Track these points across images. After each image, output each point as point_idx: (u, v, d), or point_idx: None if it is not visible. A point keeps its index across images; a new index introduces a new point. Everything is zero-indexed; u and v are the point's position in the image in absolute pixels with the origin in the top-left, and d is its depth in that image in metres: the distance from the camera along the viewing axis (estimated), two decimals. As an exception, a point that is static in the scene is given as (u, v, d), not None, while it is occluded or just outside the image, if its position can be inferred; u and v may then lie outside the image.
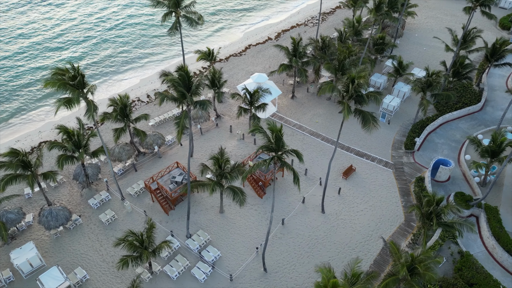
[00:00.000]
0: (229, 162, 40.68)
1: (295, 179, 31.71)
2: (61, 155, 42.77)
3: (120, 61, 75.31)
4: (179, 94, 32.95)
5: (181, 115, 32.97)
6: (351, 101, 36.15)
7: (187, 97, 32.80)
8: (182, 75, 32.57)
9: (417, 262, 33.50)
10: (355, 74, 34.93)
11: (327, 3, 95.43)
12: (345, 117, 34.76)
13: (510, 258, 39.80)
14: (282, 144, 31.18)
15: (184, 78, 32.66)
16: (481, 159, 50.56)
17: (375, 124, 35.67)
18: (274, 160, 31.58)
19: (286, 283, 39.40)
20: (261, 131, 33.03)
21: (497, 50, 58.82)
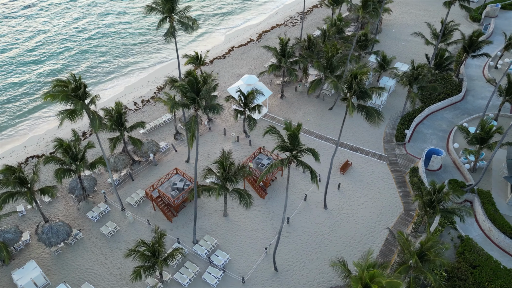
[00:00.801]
0: (234, 165, 40.68)
1: (312, 177, 32.18)
2: (59, 168, 41.52)
3: (102, 71, 73.67)
4: (189, 99, 32.73)
5: (191, 120, 32.82)
6: (353, 97, 36.96)
7: (198, 102, 32.65)
8: (190, 80, 32.40)
9: (426, 249, 34.76)
10: (357, 70, 35.78)
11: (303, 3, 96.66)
12: (349, 113, 35.56)
13: (507, 239, 41.80)
14: (298, 143, 31.60)
15: (193, 83, 32.49)
16: (468, 147, 52.84)
17: (380, 118, 36.72)
18: (290, 160, 31.90)
19: (298, 280, 39.86)
20: (275, 132, 33.32)
21: (474, 42, 61.55)
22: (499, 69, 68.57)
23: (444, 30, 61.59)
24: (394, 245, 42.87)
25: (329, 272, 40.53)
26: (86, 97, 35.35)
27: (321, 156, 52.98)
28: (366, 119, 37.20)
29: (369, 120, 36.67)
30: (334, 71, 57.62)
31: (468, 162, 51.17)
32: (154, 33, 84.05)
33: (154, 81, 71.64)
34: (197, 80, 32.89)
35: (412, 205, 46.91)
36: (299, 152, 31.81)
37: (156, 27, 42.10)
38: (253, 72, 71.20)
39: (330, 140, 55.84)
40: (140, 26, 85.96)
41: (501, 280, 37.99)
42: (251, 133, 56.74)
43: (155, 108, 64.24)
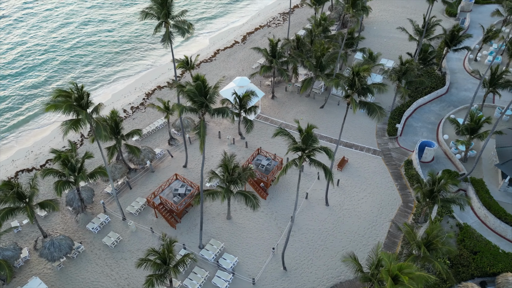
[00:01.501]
0: (238, 167, 40.75)
1: (327, 175, 32.66)
2: (58, 181, 40.48)
3: (87, 81, 71.84)
4: (198, 104, 32.59)
5: (200, 125, 32.68)
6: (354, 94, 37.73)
7: (208, 106, 32.56)
8: (199, 85, 32.26)
9: (432, 238, 35.86)
10: (358, 68, 36.53)
11: (285, 3, 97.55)
12: (353, 110, 36.27)
13: (503, 224, 43.57)
14: (312, 142, 32.00)
15: (201, 87, 32.37)
16: (457, 138, 54.74)
17: (383, 113, 37.64)
18: (303, 159, 32.23)
19: (308, 278, 40.30)
20: (285, 133, 33.63)
21: (456, 36, 63.75)
22: (478, 61, 71.23)
23: (427, 26, 63.52)
24: (397, 237, 43.95)
25: (337, 268, 41.19)
26: (88, 106, 34.64)
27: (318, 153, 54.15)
28: (369, 115, 38.03)
29: (372, 116, 37.50)
30: (324, 69, 58.47)
31: (458, 152, 52.96)
32: (137, 40, 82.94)
33: (142, 87, 70.70)
34: (205, 84, 32.79)
35: (410, 196, 48.19)
36: (312, 151, 32.20)
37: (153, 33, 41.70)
38: (242, 74, 71.34)
39: (324, 138, 56.60)
40: (122, 34, 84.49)
41: (501, 264, 39.62)
42: (246, 135, 56.89)
43: (145, 115, 63.43)
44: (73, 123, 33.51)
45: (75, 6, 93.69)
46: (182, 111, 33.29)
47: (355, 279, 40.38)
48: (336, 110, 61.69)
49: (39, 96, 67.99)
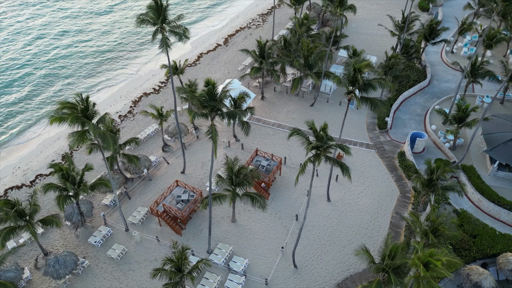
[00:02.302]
0: (244, 169, 40.85)
1: (344, 171, 33.31)
2: (59, 195, 39.22)
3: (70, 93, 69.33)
4: (209, 108, 32.47)
5: (211, 129, 32.58)
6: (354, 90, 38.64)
7: (221, 111, 32.50)
8: (210, 90, 32.14)
9: (438, 225, 37.25)
10: (359, 64, 37.43)
11: (262, 5, 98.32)
12: (358, 106, 37.12)
13: (496, 207, 45.67)
14: (327, 140, 32.52)
15: (211, 92, 32.27)
16: (444, 128, 56.98)
17: (385, 107, 38.69)
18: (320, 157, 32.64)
19: (318, 273, 40.90)
20: (299, 133, 34.05)
21: (434, 30, 66.24)
22: (455, 53, 74.28)
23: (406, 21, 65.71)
24: (399, 227, 45.26)
25: (345, 262, 42.01)
26: (93, 116, 33.83)
27: (313, 151, 54.90)
28: (372, 109, 39.03)
29: (374, 110, 38.54)
30: (312, 68, 59.41)
31: (447, 141, 55.08)
32: (118, 48, 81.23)
33: (127, 95, 69.44)
34: (215, 88, 32.71)
35: (407, 187, 49.72)
36: (327, 148, 32.75)
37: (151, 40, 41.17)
38: (228, 76, 71.41)
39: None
40: (101, 43, 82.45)
41: (499, 245, 41.54)
42: (240, 136, 57.01)
43: (135, 122, 62.35)
44: (79, 135, 32.59)
45: (48, 17, 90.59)
46: (194, 117, 33.06)
47: (364, 271, 41.35)
48: (326, 107, 62.76)
49: (21, 113, 65.42)
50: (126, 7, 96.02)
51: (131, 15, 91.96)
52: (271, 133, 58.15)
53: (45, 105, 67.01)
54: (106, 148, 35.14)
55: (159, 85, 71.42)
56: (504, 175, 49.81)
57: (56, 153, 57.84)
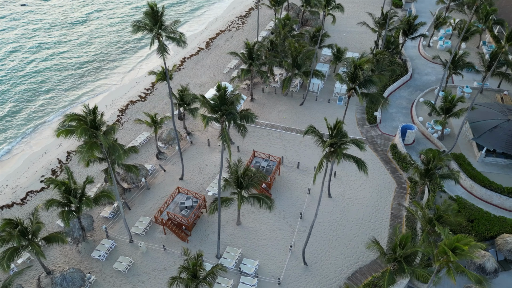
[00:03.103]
0: (251, 171, 40.94)
1: (360, 166, 33.98)
2: (63, 211, 37.95)
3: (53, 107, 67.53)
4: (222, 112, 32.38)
5: (224, 133, 32.51)
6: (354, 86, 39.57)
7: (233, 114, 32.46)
8: (222, 94, 32.07)
9: (442, 212, 38.72)
10: (359, 61, 38.36)
11: (239, 7, 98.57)
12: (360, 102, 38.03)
13: (488, 191, 47.86)
14: (342, 136, 33.10)
15: (223, 96, 32.21)
16: (430, 119, 59.17)
17: (387, 101, 39.79)
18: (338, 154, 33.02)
19: (328, 268, 41.55)
20: (313, 131, 34.47)
21: (412, 25, 68.59)
22: (431, 47, 77.17)
23: (386, 17, 67.81)
24: (400, 217, 46.61)
25: (353, 255, 42.88)
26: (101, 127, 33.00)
27: (309, 148, 55.80)
28: (373, 104, 40.06)
29: (375, 105, 39.61)
30: (301, 68, 60.22)
31: (435, 131, 57.17)
32: (98, 58, 79.07)
33: (113, 104, 67.98)
34: (226, 92, 32.65)
35: (402, 178, 51.25)
36: (342, 144, 33.36)
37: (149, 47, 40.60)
38: (214, 80, 71.32)
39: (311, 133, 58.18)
40: (80, 54, 79.90)
41: (496, 227, 43.60)
42: (235, 139, 57.04)
43: (124, 131, 61.12)
44: (88, 147, 31.67)
45: (21, 29, 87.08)
46: (208, 122, 32.87)
47: (372, 263, 42.37)
48: (315, 105, 63.71)
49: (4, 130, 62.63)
50: (101, 15, 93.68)
51: (107, 24, 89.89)
52: (265, 134, 58.48)
53: (28, 121, 64.64)
54: (118, 159, 34.33)
55: (145, 92, 70.35)
56: (491, 161, 52.24)
57: (45, 168, 55.91)
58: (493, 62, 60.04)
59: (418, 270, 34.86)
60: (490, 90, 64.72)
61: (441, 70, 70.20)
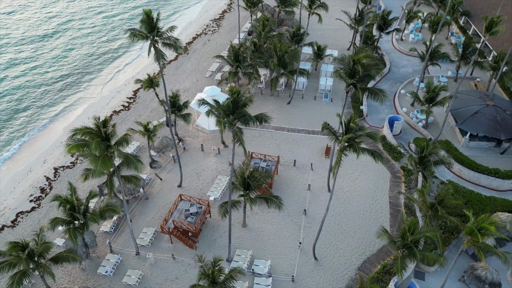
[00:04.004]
0: (258, 172, 41.14)
1: (376, 158, 34.90)
2: (68, 228, 36.59)
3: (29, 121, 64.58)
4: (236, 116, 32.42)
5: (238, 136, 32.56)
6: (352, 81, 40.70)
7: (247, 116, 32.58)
8: (235, 98, 32.09)
9: (443, 196, 40.58)
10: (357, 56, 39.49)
11: (212, 10, 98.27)
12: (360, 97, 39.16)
13: (476, 173, 50.51)
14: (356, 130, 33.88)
15: (236, 100, 32.26)
16: (413, 109, 61.73)
17: (385, 95, 41.11)
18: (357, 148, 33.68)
19: (338, 261, 42.49)
20: (327, 127, 35.10)
21: (387, 20, 71.14)
22: (404, 40, 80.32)
23: (361, 14, 70.00)
24: (399, 205, 48.31)
25: (360, 246, 44.06)
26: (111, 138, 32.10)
27: (302, 146, 56.73)
28: (372, 98, 41.32)
29: (375, 99, 40.89)
30: (286, 67, 61.04)
31: (419, 121, 59.65)
32: (76, 71, 75.87)
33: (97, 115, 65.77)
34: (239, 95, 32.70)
35: (395, 168, 53.12)
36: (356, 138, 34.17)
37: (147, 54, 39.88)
38: (196, 84, 70.91)
39: (302, 131, 59.23)
40: (57, 68, 76.09)
41: (488, 207, 46.08)
42: (228, 142, 57.04)
43: (112, 143, 59.47)
44: (102, 161, 30.69)
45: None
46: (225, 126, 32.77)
47: (378, 251, 43.73)
48: (302, 104, 64.74)
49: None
50: (71, 27, 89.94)
51: (79, 35, 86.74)
52: (257, 134, 58.80)
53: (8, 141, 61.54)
54: (136, 170, 33.57)
55: (128, 101, 68.81)
56: (475, 145, 55.19)
57: (32, 186, 53.56)
58: (466, 52, 63.58)
59: (428, 254, 36.38)
60: (464, 78, 68.14)
61: (417, 62, 73.37)
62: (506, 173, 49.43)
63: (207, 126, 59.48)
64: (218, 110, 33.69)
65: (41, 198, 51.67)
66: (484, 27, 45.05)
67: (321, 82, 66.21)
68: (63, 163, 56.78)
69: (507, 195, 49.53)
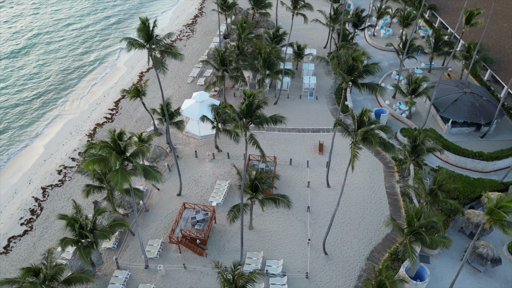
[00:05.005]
0: (265, 173, 41.35)
1: (388, 149, 35.90)
2: (78, 247, 35.22)
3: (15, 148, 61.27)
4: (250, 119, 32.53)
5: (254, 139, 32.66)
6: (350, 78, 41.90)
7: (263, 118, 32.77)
8: (250, 102, 32.09)
9: (442, 181, 42.60)
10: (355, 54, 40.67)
11: (183, 16, 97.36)
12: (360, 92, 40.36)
13: (462, 158, 53.35)
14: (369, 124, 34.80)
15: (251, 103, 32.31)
16: (395, 101, 64.25)
17: (383, 89, 42.55)
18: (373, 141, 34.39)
19: (347, 253, 43.52)
20: (340, 124, 35.79)
21: (361, 17, 73.52)
22: (376, 36, 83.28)
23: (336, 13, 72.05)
24: (396, 194, 50.10)
25: (365, 236, 45.34)
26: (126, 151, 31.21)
27: (294, 144, 57.69)
28: (371, 93, 42.68)
29: (373, 93, 42.31)
30: (272, 68, 61.69)
31: (403, 112, 62.14)
32: (49, 90, 72.20)
33: (78, 130, 63.73)
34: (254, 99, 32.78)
35: (387, 158, 55.06)
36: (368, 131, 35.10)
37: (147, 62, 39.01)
38: (179, 91, 70.26)
39: (293, 130, 60.10)
40: (28, 87, 72.13)
41: (478, 188, 48.80)
42: (222, 147, 56.91)
43: (101, 156, 57.63)
44: (122, 175, 29.72)
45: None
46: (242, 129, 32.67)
47: (383, 240, 45.19)
48: (288, 103, 65.63)
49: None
50: (38, 41, 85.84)
51: (49, 50, 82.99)
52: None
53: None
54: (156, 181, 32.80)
55: (110, 112, 66.92)
56: (456, 131, 58.24)
57: (20, 209, 50.99)
58: (439, 43, 66.94)
59: (436, 238, 38.11)
60: (437, 69, 71.82)
61: (391, 56, 76.41)
62: (489, 155, 52.55)
63: (198, 132, 59.02)
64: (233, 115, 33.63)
65: (32, 220, 49.30)
66: (464, 19, 47.78)
67: (304, 81, 67.44)
68: (51, 182, 54.42)
69: (491, 176, 52.69)
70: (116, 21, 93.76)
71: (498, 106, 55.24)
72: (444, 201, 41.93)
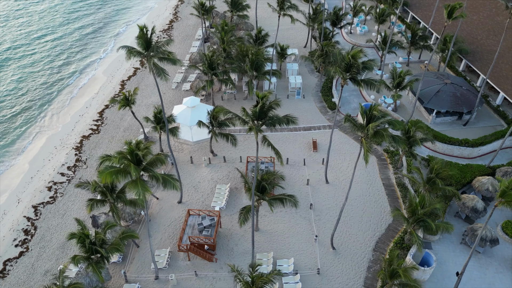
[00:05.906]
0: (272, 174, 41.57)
1: (397, 143, 36.81)
2: (89, 264, 34.11)
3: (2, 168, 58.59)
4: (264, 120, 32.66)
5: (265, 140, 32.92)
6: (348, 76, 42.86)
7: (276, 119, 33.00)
8: (263, 104, 32.12)
9: (439, 170, 44.39)
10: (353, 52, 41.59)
11: (157, 21, 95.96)
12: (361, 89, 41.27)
13: (449, 146, 55.73)
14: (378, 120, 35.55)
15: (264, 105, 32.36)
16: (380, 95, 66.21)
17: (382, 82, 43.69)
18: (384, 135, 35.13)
19: (354, 246, 44.51)
20: (349, 120, 36.41)
21: (339, 16, 75.25)
22: (353, 33, 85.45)
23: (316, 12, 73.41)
24: (392, 185, 51.66)
25: (369, 228, 46.51)
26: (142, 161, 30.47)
27: (287, 143, 58.41)
28: (369, 88, 43.78)
29: (372, 89, 43.43)
30: (260, 70, 62.06)
31: (388, 105, 64.12)
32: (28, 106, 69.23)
33: (63, 144, 61.53)
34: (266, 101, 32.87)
35: (379, 151, 56.68)
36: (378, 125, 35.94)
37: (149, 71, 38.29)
38: (164, 97, 69.23)
39: (285, 129, 60.65)
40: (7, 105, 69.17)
41: (468, 174, 51.14)
42: (217, 151, 56.67)
43: (91, 170, 56.00)
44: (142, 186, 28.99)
45: None
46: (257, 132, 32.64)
47: (386, 230, 46.52)
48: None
49: None
50: (11, 56, 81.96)
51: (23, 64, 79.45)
52: (242, 139, 59.01)
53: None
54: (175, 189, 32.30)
55: (95, 123, 65.02)
56: (440, 120, 60.73)
57: (12, 230, 48.75)
58: (416, 38, 69.57)
59: (440, 224, 39.71)
60: (414, 62, 74.61)
61: (369, 52, 78.52)
62: (474, 142, 55.19)
63: (190, 137, 58.46)
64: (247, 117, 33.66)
65: (27, 240, 47.23)
66: (446, 13, 50.03)
67: (290, 80, 68.23)
68: (42, 199, 52.31)
69: (477, 161, 55.37)
70: (91, 31, 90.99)
71: (478, 95, 58.10)
72: (442, 189, 43.71)
